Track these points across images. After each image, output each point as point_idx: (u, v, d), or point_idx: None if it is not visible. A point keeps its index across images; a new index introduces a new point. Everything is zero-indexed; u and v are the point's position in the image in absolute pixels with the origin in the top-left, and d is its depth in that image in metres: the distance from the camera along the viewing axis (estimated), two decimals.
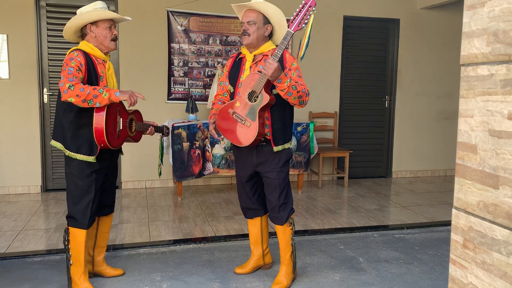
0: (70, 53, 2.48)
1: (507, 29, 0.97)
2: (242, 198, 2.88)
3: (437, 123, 6.30)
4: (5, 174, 4.96)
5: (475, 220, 1.07)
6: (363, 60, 5.98)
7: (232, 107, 2.58)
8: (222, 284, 2.83)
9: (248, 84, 2.52)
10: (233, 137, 2.58)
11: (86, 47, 2.55)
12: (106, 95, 2.39)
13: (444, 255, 3.37)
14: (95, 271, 2.87)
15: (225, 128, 2.61)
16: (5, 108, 4.88)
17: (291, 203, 2.75)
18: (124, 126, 2.63)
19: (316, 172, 5.57)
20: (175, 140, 4.60)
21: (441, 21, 6.11)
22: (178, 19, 5.22)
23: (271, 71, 2.34)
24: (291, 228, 2.75)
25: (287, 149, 2.69)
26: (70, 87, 2.32)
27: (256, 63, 2.64)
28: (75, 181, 2.56)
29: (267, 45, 2.62)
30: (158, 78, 5.24)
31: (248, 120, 2.52)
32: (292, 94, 2.46)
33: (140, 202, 4.73)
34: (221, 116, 2.62)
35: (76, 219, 2.57)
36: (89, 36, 2.57)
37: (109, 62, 2.66)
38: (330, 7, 5.68)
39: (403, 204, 4.83)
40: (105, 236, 2.87)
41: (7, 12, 4.78)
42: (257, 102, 2.50)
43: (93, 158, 2.52)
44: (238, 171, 2.84)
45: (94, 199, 2.59)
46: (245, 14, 2.60)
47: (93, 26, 2.54)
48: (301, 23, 2.41)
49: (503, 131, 0.99)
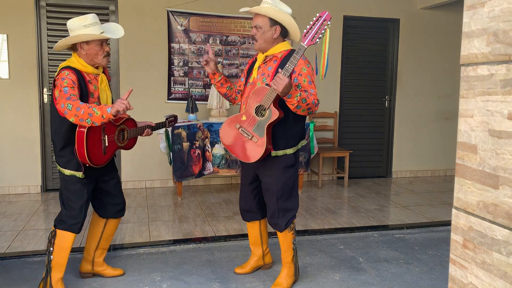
0: (61, 73, 2.44)
1: (507, 29, 0.97)
2: (242, 199, 2.86)
3: (437, 123, 6.30)
4: (5, 174, 4.96)
5: (475, 220, 1.07)
6: (363, 60, 5.97)
7: (239, 121, 2.51)
8: (222, 284, 2.83)
9: (256, 98, 2.43)
10: (239, 153, 2.51)
11: (78, 64, 2.51)
12: (99, 113, 2.32)
13: (444, 255, 3.37)
14: (94, 271, 2.87)
15: (230, 142, 2.54)
16: (5, 108, 4.88)
17: (293, 210, 2.66)
18: (112, 141, 2.60)
19: (316, 172, 5.57)
20: (175, 140, 4.60)
21: (441, 21, 6.11)
22: (178, 19, 5.22)
23: (281, 87, 2.26)
24: (292, 233, 2.71)
25: (288, 155, 2.58)
26: (68, 106, 2.32)
27: (266, 63, 2.59)
28: (67, 186, 2.55)
29: (279, 46, 2.55)
30: (158, 78, 5.24)
31: (256, 136, 2.44)
32: (301, 107, 2.39)
33: (140, 202, 4.73)
34: (226, 130, 2.55)
35: (67, 223, 2.55)
36: (79, 52, 2.53)
37: (102, 75, 2.62)
38: (330, 7, 5.68)
39: (403, 204, 4.83)
40: (109, 239, 2.87)
41: (7, 12, 4.78)
42: (265, 117, 2.42)
43: (81, 174, 2.51)
44: (242, 172, 2.82)
45: (86, 203, 2.57)
46: (253, 19, 2.57)
47: (84, 43, 2.49)
48: (315, 37, 2.33)
49: (503, 131, 0.99)
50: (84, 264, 2.87)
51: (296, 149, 2.62)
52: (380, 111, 6.14)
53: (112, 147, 2.61)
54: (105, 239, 2.84)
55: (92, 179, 2.62)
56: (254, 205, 2.82)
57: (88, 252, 2.85)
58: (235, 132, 2.52)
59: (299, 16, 5.68)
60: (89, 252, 2.84)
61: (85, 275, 2.87)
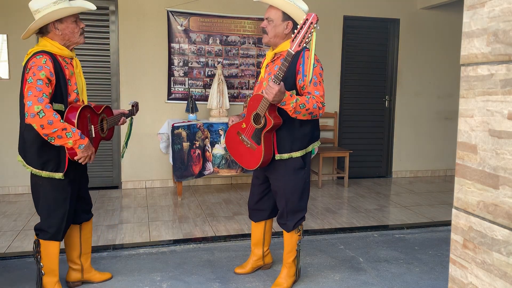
0: (36, 58, 2.17)
1: (507, 29, 0.97)
2: (251, 198, 2.85)
3: (437, 123, 6.30)
4: (5, 174, 4.96)
5: (475, 220, 1.07)
6: (363, 60, 5.98)
7: (239, 128, 2.51)
8: (222, 284, 2.83)
9: (254, 105, 2.40)
10: (240, 159, 2.53)
11: (53, 47, 2.27)
12: (71, 144, 2.16)
13: (444, 255, 3.37)
14: (84, 279, 2.76)
15: (233, 149, 2.56)
16: (5, 108, 4.88)
17: (302, 212, 2.64)
18: (97, 132, 2.44)
19: (316, 172, 5.57)
20: (175, 140, 4.60)
21: (441, 21, 6.11)
22: (178, 19, 5.22)
23: (271, 96, 2.20)
24: (299, 235, 2.70)
25: (295, 158, 2.51)
26: (39, 113, 2.05)
27: (273, 61, 2.53)
28: (47, 193, 2.34)
29: (288, 43, 2.41)
30: (158, 78, 5.24)
31: (254, 144, 2.44)
32: (300, 113, 2.31)
33: (140, 202, 4.73)
34: (229, 136, 2.56)
35: (48, 232, 2.39)
36: (53, 33, 2.29)
37: (76, 59, 2.41)
38: (330, 7, 5.68)
39: (403, 204, 4.83)
40: (89, 242, 2.72)
41: (7, 12, 4.78)
42: (261, 125, 2.40)
43: (61, 175, 2.30)
44: (254, 172, 2.80)
45: (69, 211, 2.41)
46: (267, 10, 2.48)
47: (57, 22, 2.27)
48: (302, 42, 2.20)
49: (503, 131, 0.99)
50: (72, 274, 2.72)
51: (304, 152, 2.54)
52: (380, 111, 6.14)
53: (97, 139, 2.45)
54: (85, 242, 2.70)
55: (74, 184, 2.43)
56: (263, 205, 2.81)
57: (74, 262, 2.69)
58: (237, 139, 2.52)
59: None
60: (74, 262, 2.69)
61: (74, 284, 2.73)
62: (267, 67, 2.56)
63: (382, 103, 6.14)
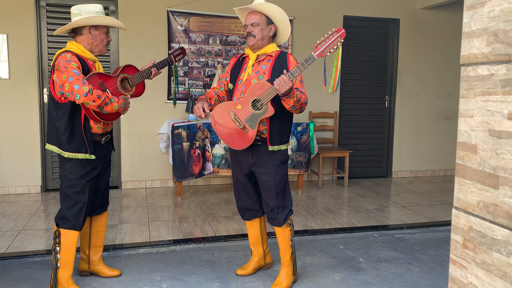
0: (62, 56, 2.42)
1: (507, 29, 0.97)
2: (241, 198, 2.85)
3: (437, 123, 6.30)
4: (5, 174, 4.96)
5: (475, 220, 1.07)
6: (363, 60, 5.97)
7: (233, 108, 2.55)
8: (222, 284, 2.83)
9: (256, 91, 2.50)
10: (228, 139, 2.57)
11: (77, 49, 2.50)
12: (117, 108, 2.47)
13: (444, 255, 3.37)
14: (91, 270, 2.87)
15: (221, 126, 2.58)
16: (5, 108, 4.88)
17: (289, 205, 2.74)
18: (117, 92, 2.61)
19: (316, 172, 5.57)
20: (175, 140, 4.60)
21: (441, 21, 6.11)
22: (178, 19, 5.22)
23: (283, 90, 2.37)
24: (290, 229, 2.74)
25: (283, 150, 2.67)
26: (89, 91, 2.33)
27: (259, 62, 2.64)
28: (69, 182, 2.53)
29: (271, 46, 2.63)
30: (158, 78, 5.24)
31: (247, 127, 2.51)
32: (295, 107, 2.51)
33: (140, 202, 4.73)
34: (219, 112, 2.59)
35: (69, 221, 2.53)
36: (84, 36, 2.53)
37: (98, 63, 2.64)
38: (330, 7, 5.68)
39: (403, 204, 4.83)
40: (101, 235, 2.84)
41: (7, 12, 4.78)
42: (260, 112, 2.50)
43: (93, 156, 2.53)
44: (234, 171, 2.82)
45: (88, 201, 2.57)
46: (248, 17, 2.62)
47: (93, 28, 2.53)
48: (326, 51, 2.44)
49: (503, 131, 0.99)
50: (81, 263, 2.88)
51: (287, 146, 2.71)
52: (380, 111, 6.14)
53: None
54: (96, 236, 2.82)
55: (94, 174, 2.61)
56: (256, 202, 2.83)
57: (83, 251, 2.85)
58: (228, 117, 2.56)
59: (299, 16, 5.69)
60: (84, 251, 2.84)
61: (83, 274, 2.88)
62: (253, 66, 2.66)
63: (382, 103, 6.14)
